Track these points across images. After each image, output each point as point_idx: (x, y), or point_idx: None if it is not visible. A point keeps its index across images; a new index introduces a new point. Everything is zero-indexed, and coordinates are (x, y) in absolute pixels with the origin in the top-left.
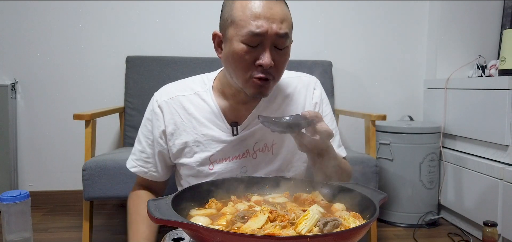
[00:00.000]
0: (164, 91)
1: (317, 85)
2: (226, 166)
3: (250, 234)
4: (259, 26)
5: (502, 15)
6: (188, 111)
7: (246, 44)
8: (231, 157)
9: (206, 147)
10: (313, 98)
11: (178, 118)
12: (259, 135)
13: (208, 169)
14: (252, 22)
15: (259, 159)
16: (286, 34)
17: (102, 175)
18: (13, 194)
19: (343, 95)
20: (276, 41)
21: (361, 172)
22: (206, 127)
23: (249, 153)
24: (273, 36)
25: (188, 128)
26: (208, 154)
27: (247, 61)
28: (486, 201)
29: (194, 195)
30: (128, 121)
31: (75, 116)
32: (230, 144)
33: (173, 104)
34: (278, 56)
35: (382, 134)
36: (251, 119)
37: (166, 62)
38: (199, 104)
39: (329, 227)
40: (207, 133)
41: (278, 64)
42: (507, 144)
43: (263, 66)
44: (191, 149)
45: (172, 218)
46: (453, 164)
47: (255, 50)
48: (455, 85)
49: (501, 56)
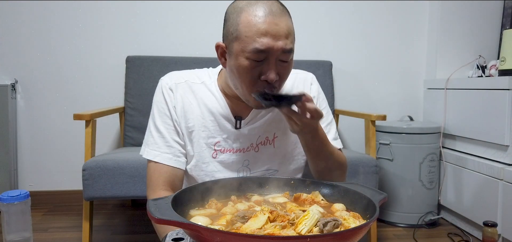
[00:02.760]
0: (173, 76)
1: (313, 80)
2: (229, 157)
3: (250, 234)
4: (265, 44)
5: (502, 15)
6: (196, 97)
7: (251, 60)
8: (235, 149)
9: (212, 133)
10: (311, 92)
11: (187, 101)
12: (262, 130)
13: (212, 156)
14: (257, 39)
15: (261, 152)
16: (291, 49)
17: (102, 175)
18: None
19: (343, 95)
20: (281, 56)
21: (361, 172)
22: (212, 115)
23: (252, 146)
24: (279, 52)
25: (196, 112)
26: (214, 140)
27: (252, 76)
28: (486, 201)
29: (194, 195)
30: (128, 121)
31: (75, 116)
32: (234, 135)
33: (183, 87)
34: (282, 69)
35: (382, 134)
36: (254, 115)
37: (166, 62)
38: (206, 93)
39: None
40: (213, 120)
41: (282, 76)
42: (507, 144)
43: (268, 82)
44: (197, 134)
45: (172, 218)
46: (453, 164)
47: (260, 64)
48: (455, 86)
49: (501, 56)
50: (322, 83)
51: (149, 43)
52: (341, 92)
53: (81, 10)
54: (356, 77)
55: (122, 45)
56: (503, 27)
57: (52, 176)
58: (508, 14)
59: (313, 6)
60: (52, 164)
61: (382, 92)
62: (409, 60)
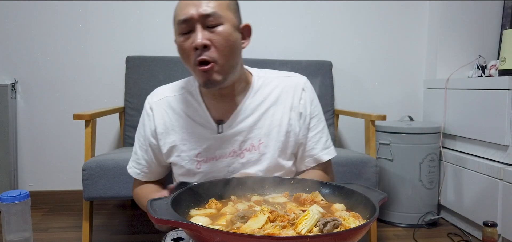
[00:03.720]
0: (155, 93)
1: (306, 86)
2: (213, 166)
3: (250, 234)
4: (185, 13)
5: (502, 15)
6: (176, 111)
7: (181, 34)
8: (218, 156)
9: (193, 144)
10: (301, 99)
11: (167, 118)
12: (246, 134)
13: (196, 168)
14: (180, 12)
15: (246, 158)
16: (214, 12)
17: (102, 175)
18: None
19: (343, 95)
20: (205, 22)
21: (361, 172)
22: (192, 125)
23: (236, 152)
24: (200, 18)
25: (176, 127)
26: (195, 151)
27: (186, 49)
28: (486, 201)
29: (194, 195)
30: (128, 121)
31: (75, 116)
32: (216, 141)
33: (162, 105)
34: (214, 36)
35: (382, 134)
36: (235, 118)
37: (166, 62)
38: (186, 103)
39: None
40: (193, 131)
41: (216, 44)
42: (507, 144)
43: (197, 47)
44: (179, 148)
45: (172, 218)
46: (453, 164)
47: (189, 36)
48: (455, 86)
49: (501, 56)
50: (322, 83)
51: (149, 43)
52: (341, 92)
53: (81, 10)
54: (356, 77)
55: (122, 45)
56: (503, 27)
57: (52, 176)
58: (508, 14)
59: (313, 6)
60: (52, 164)
61: (382, 92)
62: (409, 60)
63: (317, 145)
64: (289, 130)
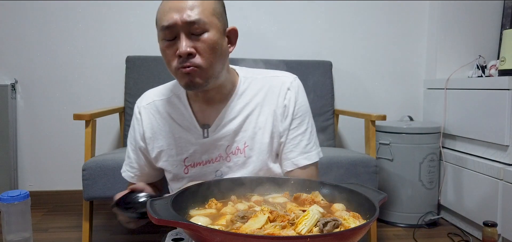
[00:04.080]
0: (144, 97)
1: (292, 85)
2: (200, 170)
3: (250, 234)
4: (169, 19)
5: (502, 15)
6: (163, 116)
7: (165, 40)
8: (205, 161)
9: (180, 149)
10: (285, 98)
11: (155, 122)
12: (231, 138)
13: (184, 173)
14: (164, 17)
15: (233, 162)
16: (198, 20)
17: (102, 175)
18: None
19: (343, 95)
20: (190, 29)
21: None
22: (178, 130)
23: (222, 157)
24: (184, 25)
25: (164, 132)
26: (182, 157)
27: (169, 55)
28: (486, 201)
29: (194, 195)
30: (128, 121)
31: (75, 116)
32: (202, 146)
33: (150, 109)
34: (199, 44)
35: (382, 134)
36: (220, 122)
37: None
38: (173, 107)
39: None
40: (180, 136)
41: (201, 51)
42: (507, 144)
43: (181, 55)
44: (167, 152)
45: (172, 218)
46: (453, 164)
47: (174, 43)
48: (455, 86)
49: (501, 56)
50: (322, 83)
51: (149, 43)
52: (341, 92)
53: (81, 10)
54: (356, 77)
55: (122, 45)
56: (503, 27)
57: (52, 176)
58: (508, 14)
59: (313, 6)
60: (52, 164)
61: (382, 92)
62: (409, 60)
63: (296, 148)
64: (274, 131)
